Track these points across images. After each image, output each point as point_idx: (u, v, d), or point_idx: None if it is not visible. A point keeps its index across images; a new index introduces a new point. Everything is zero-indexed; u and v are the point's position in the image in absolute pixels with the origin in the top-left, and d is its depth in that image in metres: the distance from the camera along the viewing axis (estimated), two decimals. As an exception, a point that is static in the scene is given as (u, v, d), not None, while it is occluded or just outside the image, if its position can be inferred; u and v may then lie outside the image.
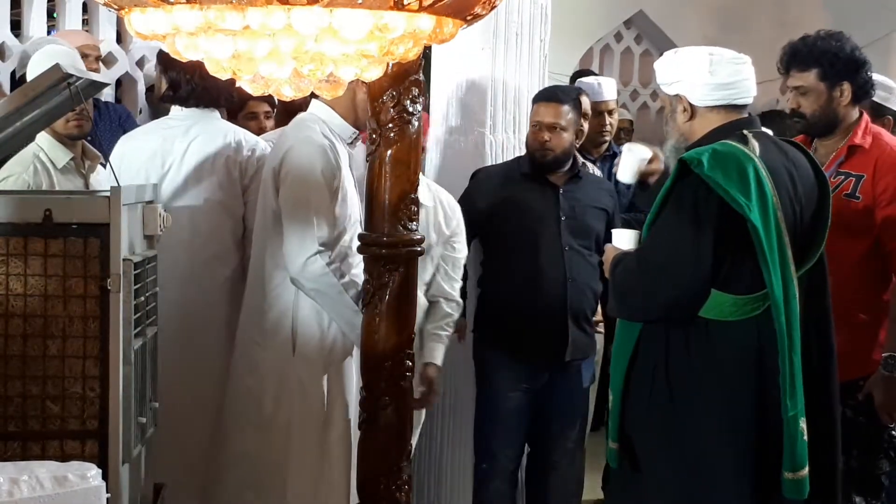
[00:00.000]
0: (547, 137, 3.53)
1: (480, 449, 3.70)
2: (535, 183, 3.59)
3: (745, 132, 2.63)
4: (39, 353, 2.29)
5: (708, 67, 2.66)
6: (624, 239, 2.77)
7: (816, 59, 3.27)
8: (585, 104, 3.88)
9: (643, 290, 2.65)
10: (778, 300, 2.50)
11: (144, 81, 4.94)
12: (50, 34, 4.58)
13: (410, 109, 2.50)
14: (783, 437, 2.52)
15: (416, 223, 2.58)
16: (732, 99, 2.68)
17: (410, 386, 2.68)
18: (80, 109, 2.95)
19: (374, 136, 2.53)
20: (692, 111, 2.71)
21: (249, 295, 3.07)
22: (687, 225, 2.54)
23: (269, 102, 3.94)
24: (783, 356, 2.51)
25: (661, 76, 2.77)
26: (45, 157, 3.12)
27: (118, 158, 3.26)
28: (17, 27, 4.54)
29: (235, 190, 3.21)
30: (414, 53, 1.75)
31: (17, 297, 2.28)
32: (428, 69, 3.40)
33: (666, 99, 2.80)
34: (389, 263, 2.56)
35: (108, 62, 4.73)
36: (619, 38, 6.69)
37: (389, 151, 2.51)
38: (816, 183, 2.71)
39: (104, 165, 3.31)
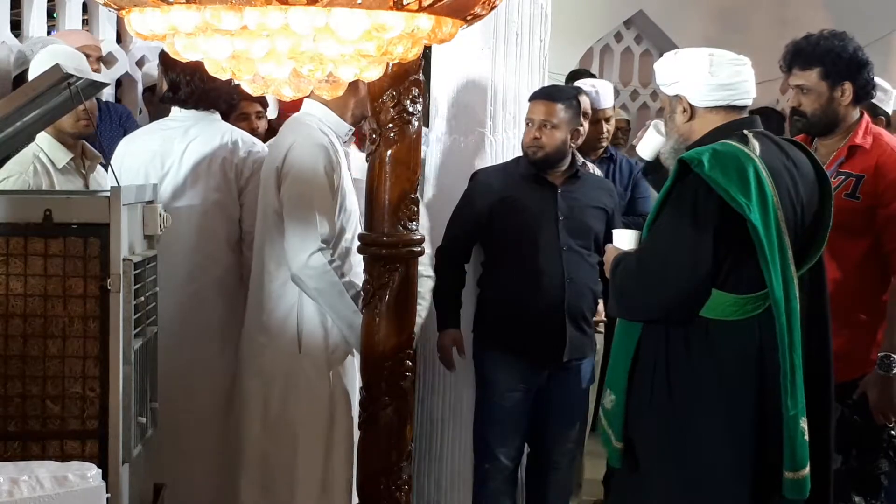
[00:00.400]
0: (538, 134, 3.52)
1: (480, 449, 3.69)
2: (533, 183, 3.58)
3: (745, 132, 2.62)
4: (39, 353, 2.30)
5: (708, 68, 2.66)
6: (624, 239, 2.77)
7: (819, 58, 3.26)
8: (585, 104, 3.87)
9: (643, 290, 2.64)
10: (778, 300, 2.50)
11: (144, 81, 4.94)
12: (50, 34, 4.58)
13: (410, 109, 2.50)
14: (783, 436, 2.52)
15: (416, 223, 2.58)
16: (732, 100, 2.67)
17: (411, 386, 2.68)
18: (87, 108, 2.95)
19: (374, 136, 2.53)
20: (692, 112, 2.71)
21: (252, 298, 3.08)
22: (687, 225, 2.54)
23: (260, 103, 3.93)
24: (783, 356, 2.50)
25: (660, 77, 2.77)
26: (45, 157, 3.12)
27: (119, 158, 3.27)
28: (17, 27, 4.54)
29: (232, 191, 3.22)
30: (413, 53, 1.75)
31: (17, 297, 2.28)
32: (428, 69, 3.39)
33: (666, 99, 2.80)
34: (389, 263, 2.57)
35: (108, 62, 4.73)
36: (619, 38, 6.69)
37: (389, 151, 2.51)
38: (818, 182, 2.70)
39: (104, 165, 3.32)
